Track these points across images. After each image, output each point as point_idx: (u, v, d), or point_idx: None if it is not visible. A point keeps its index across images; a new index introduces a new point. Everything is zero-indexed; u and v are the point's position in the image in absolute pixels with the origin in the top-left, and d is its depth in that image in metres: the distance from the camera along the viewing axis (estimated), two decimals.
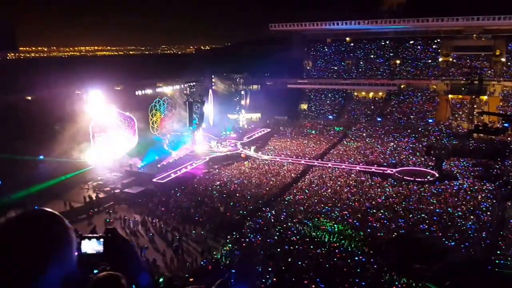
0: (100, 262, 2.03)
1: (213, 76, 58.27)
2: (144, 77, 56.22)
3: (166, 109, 47.52)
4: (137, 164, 39.54)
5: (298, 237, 25.08)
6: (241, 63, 62.35)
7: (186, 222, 29.08)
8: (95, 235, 2.00)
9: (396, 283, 19.43)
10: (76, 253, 1.63)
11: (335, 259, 22.08)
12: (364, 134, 52.22)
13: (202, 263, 23.73)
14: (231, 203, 31.37)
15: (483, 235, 24.27)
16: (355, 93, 66.05)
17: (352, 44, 72.88)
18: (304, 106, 65.78)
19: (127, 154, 39.86)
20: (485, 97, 55.33)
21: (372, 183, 35.25)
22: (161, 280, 8.06)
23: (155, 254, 25.23)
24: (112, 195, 34.29)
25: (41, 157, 33.06)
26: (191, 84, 43.73)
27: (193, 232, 27.93)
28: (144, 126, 41.32)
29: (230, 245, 24.98)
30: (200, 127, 45.03)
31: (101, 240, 1.98)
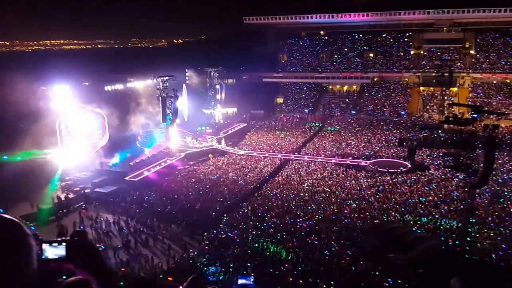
0: (66, 267, 1.95)
1: (186, 70, 57.25)
2: (114, 71, 54.64)
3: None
4: (108, 162, 38.37)
5: (276, 230, 24.98)
6: (216, 57, 61.54)
7: (161, 221, 28.50)
8: (56, 239, 1.93)
9: (372, 272, 19.64)
10: (36, 260, 1.58)
11: (313, 251, 22.13)
12: (338, 127, 52.71)
13: (178, 260, 23.34)
14: (207, 200, 30.97)
15: (454, 222, 24.89)
16: (330, 87, 66.54)
17: (326, 38, 73.26)
18: (280, 100, 65.78)
19: (98, 152, 38.54)
20: (455, 89, 56.82)
21: (347, 175, 35.57)
22: None
23: (129, 254, 24.65)
24: (82, 195, 33.17)
25: (5, 157, 31.51)
26: (164, 78, 42.68)
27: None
28: (115, 123, 39.99)
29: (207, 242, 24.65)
30: (174, 123, 44.14)
31: (63, 244, 1.90)
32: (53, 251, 1.90)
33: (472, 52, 61.75)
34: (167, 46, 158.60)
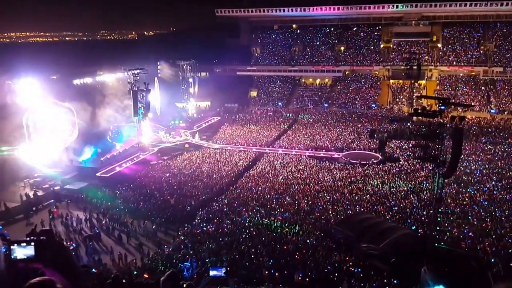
0: (35, 267, 1.90)
1: (158, 63, 56.03)
2: (83, 65, 52.79)
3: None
4: (77, 158, 37.18)
5: (251, 224, 25.08)
6: (188, 50, 60.47)
7: (134, 217, 28.02)
8: (25, 239, 1.89)
9: (345, 264, 20.07)
10: (3, 261, 1.55)
11: (288, 244, 22.39)
12: (311, 120, 53.29)
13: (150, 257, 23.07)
14: (182, 195, 30.68)
15: (424, 212, 25.77)
16: (303, 80, 67.03)
17: (298, 31, 73.55)
18: (253, 93, 65.68)
19: (67, 148, 37.23)
20: (423, 82, 58.54)
21: (321, 167, 36.08)
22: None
23: (101, 252, 24.16)
24: (51, 192, 32.07)
25: None
26: (135, 71, 41.60)
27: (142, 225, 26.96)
28: (85, 118, 38.69)
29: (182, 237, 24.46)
30: (146, 117, 43.24)
31: (32, 244, 1.88)
32: (22, 251, 1.88)
33: (439, 45, 63.65)
34: (138, 39, 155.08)
